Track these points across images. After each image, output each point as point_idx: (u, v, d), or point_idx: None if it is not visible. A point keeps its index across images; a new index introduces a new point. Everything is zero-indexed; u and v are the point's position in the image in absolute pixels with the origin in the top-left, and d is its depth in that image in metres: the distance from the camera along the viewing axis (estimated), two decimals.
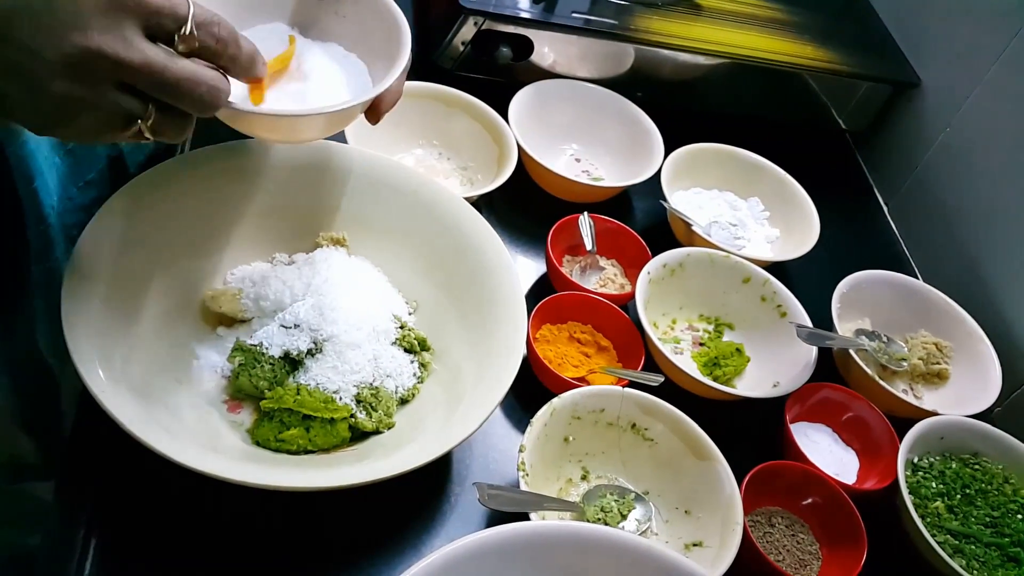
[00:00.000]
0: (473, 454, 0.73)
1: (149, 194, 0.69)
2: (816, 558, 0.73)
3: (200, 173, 0.72)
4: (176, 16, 0.46)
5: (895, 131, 1.22)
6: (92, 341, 0.60)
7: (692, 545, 0.69)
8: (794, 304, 0.89)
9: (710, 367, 0.86)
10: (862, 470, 0.82)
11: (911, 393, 0.92)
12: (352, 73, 0.68)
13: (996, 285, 0.99)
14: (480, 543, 0.50)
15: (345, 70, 0.68)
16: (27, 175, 0.65)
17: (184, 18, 0.47)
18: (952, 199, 1.09)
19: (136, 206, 0.68)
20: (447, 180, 0.96)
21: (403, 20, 0.67)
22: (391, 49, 0.66)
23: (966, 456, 0.82)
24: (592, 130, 1.08)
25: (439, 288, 0.78)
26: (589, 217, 0.91)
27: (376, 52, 0.68)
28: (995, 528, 0.77)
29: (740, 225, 1.03)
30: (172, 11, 0.46)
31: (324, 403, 0.67)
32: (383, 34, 0.67)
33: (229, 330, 0.73)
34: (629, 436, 0.74)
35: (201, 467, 0.55)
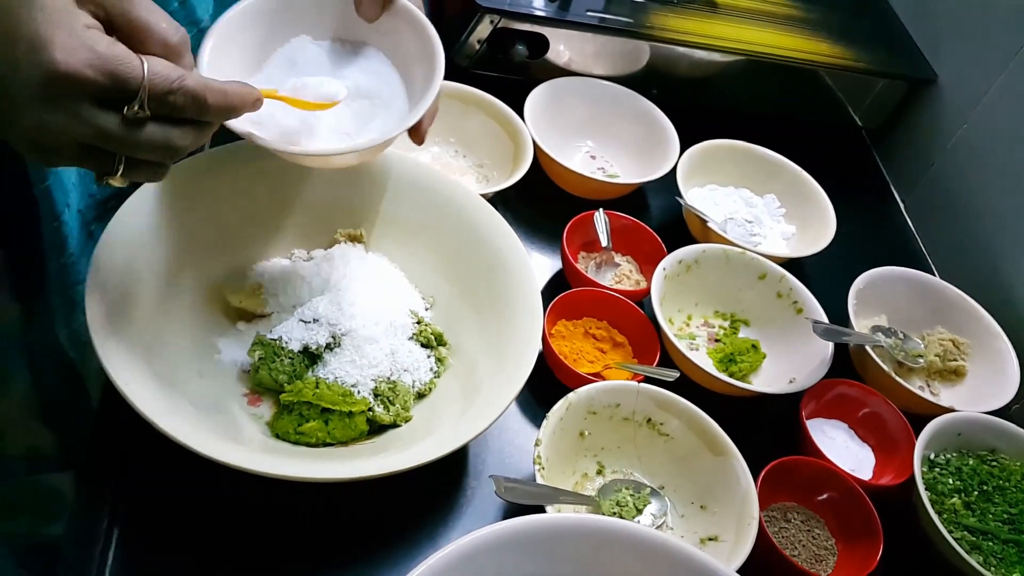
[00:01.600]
0: (489, 448, 0.74)
1: (170, 191, 0.70)
2: (832, 553, 0.73)
3: (220, 171, 0.73)
4: (124, 91, 0.46)
5: (912, 128, 1.22)
6: (115, 335, 0.61)
7: (708, 539, 0.69)
8: (810, 300, 0.88)
9: (726, 363, 0.86)
10: (878, 466, 0.82)
11: (928, 390, 0.91)
12: (389, 94, 0.69)
13: (1014, 281, 0.98)
14: (496, 535, 0.50)
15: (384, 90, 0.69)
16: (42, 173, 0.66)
17: (133, 92, 0.46)
18: (969, 195, 1.09)
19: (157, 203, 0.69)
20: (463, 177, 0.97)
21: (436, 37, 0.68)
22: (426, 65, 0.67)
23: (983, 453, 0.82)
24: (607, 127, 1.08)
25: (455, 284, 0.79)
26: (604, 214, 0.92)
27: (410, 62, 0.70)
28: (1013, 525, 0.76)
29: (756, 222, 1.03)
30: (119, 87, 0.46)
31: (342, 397, 0.67)
32: (417, 49, 0.68)
33: (249, 325, 0.74)
34: (645, 431, 0.75)
35: (222, 458, 0.56)
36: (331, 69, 0.69)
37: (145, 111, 0.47)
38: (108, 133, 0.46)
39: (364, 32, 0.71)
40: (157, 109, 0.47)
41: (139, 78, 0.46)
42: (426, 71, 0.67)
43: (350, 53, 0.70)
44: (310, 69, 0.68)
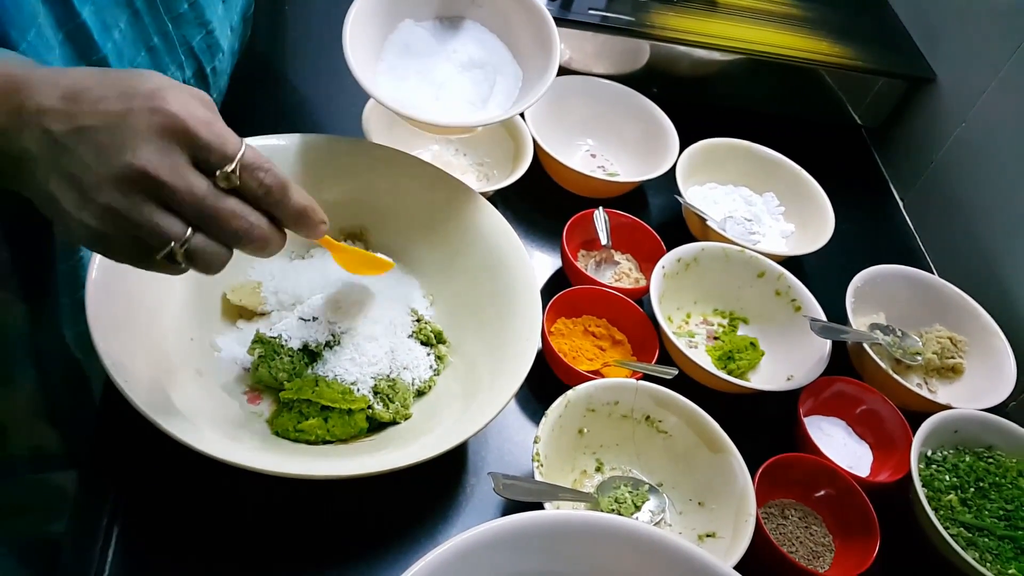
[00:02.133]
0: (488, 445, 0.74)
1: None
2: (829, 550, 0.74)
3: None
4: (224, 155, 0.48)
5: (910, 126, 1.22)
6: (116, 333, 0.61)
7: (705, 536, 0.70)
8: (808, 298, 0.89)
9: (724, 361, 0.86)
10: (875, 463, 0.82)
11: (925, 387, 0.92)
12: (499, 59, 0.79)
13: (1011, 280, 0.98)
14: (495, 532, 0.50)
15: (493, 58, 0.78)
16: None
17: (231, 158, 0.48)
18: (967, 194, 1.09)
19: None
20: (463, 175, 0.97)
21: (543, 6, 0.77)
22: (531, 28, 0.76)
23: (980, 449, 0.82)
24: (608, 126, 1.08)
25: (455, 282, 0.79)
26: (604, 212, 0.92)
27: (512, 28, 0.78)
28: (1009, 521, 0.77)
29: (755, 220, 1.03)
30: (221, 149, 0.48)
31: (342, 394, 0.68)
32: (518, 14, 0.77)
33: (249, 323, 0.75)
34: (643, 428, 0.75)
35: (222, 456, 0.57)
36: (438, 47, 0.76)
37: (236, 178, 0.49)
38: (195, 190, 0.48)
39: (462, 7, 0.78)
40: (247, 181, 0.49)
41: (239, 147, 0.49)
42: (534, 35, 0.76)
43: (450, 28, 0.77)
44: (422, 50, 0.76)
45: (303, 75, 1.07)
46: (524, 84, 0.79)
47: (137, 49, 0.68)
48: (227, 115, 0.64)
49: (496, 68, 0.78)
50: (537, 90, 0.74)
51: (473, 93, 0.77)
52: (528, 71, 0.79)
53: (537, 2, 0.78)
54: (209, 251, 0.50)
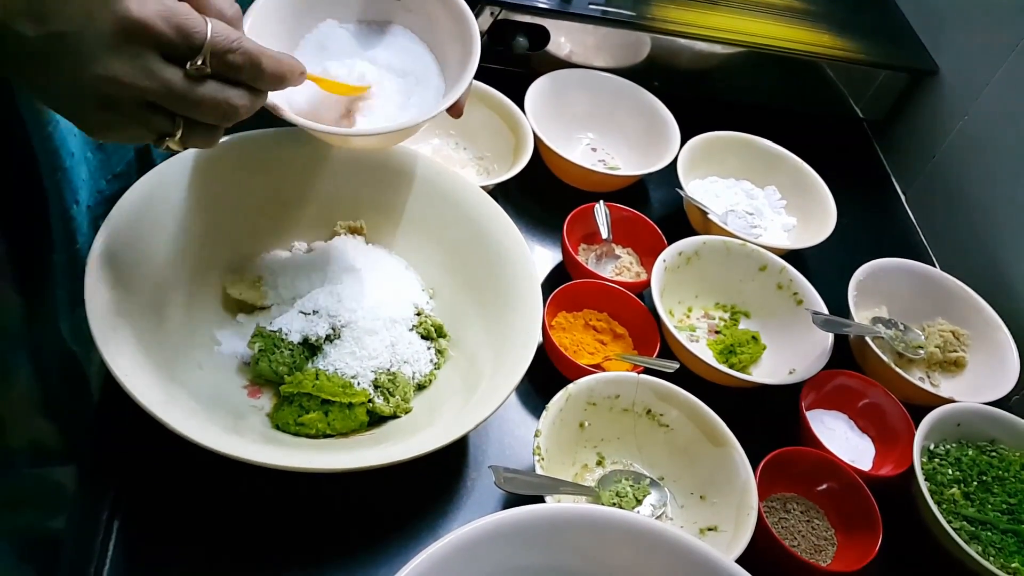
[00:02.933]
0: (489, 439, 0.74)
1: (170, 183, 0.70)
2: (831, 544, 0.73)
3: (220, 163, 0.73)
4: (190, 45, 0.48)
5: (913, 119, 1.21)
6: (115, 327, 0.61)
7: (707, 530, 0.70)
8: (810, 292, 0.88)
9: (726, 355, 0.86)
10: (878, 457, 0.82)
11: (928, 381, 0.91)
12: (423, 70, 0.71)
13: (1014, 273, 0.98)
14: (496, 525, 0.50)
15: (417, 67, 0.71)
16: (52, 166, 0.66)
17: (198, 47, 0.49)
18: (969, 187, 1.09)
19: (158, 195, 0.69)
20: (464, 170, 0.97)
21: (468, 10, 0.69)
22: (458, 39, 0.69)
23: (983, 443, 0.82)
24: (608, 119, 1.08)
25: (456, 276, 0.79)
26: (605, 205, 0.92)
27: (440, 38, 0.71)
28: (1012, 515, 0.76)
29: (757, 213, 1.03)
30: (185, 41, 0.48)
31: (342, 388, 0.68)
32: (447, 23, 0.70)
33: (249, 317, 0.74)
34: (644, 422, 0.75)
35: (223, 449, 0.57)
36: (360, 51, 0.70)
37: (207, 67, 0.49)
38: (171, 87, 0.48)
39: (389, 11, 0.72)
40: (217, 66, 0.50)
41: (204, 34, 0.49)
42: (460, 45, 0.68)
43: (377, 33, 0.71)
44: (339, 52, 0.69)
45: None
46: (444, 95, 0.70)
47: None
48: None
49: (418, 79, 0.70)
50: (448, 99, 0.67)
51: (387, 105, 0.68)
52: (449, 80, 0.71)
53: (463, 7, 0.70)
54: (202, 133, 0.52)
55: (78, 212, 0.70)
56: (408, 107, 0.68)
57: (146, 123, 0.50)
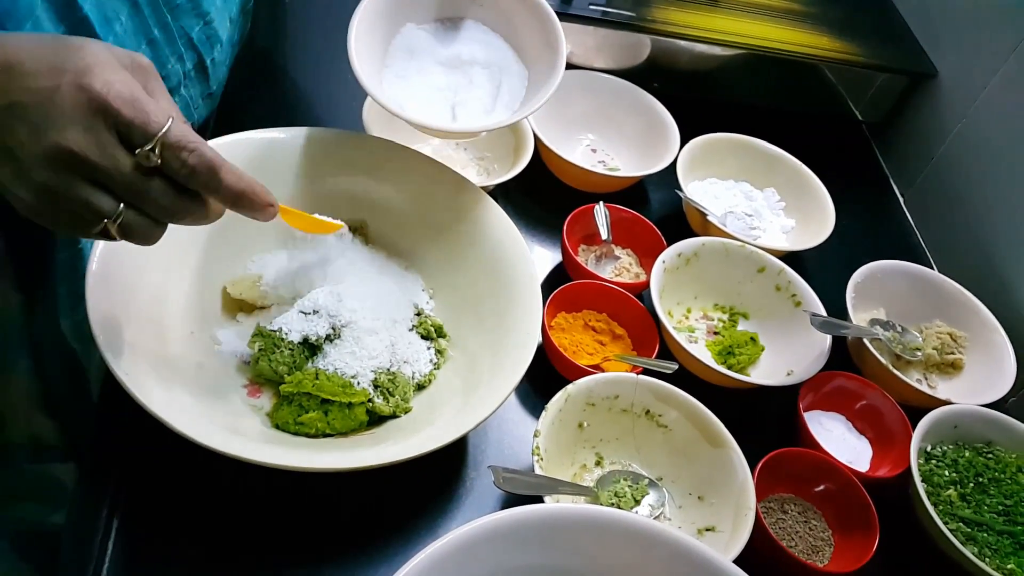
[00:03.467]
0: (488, 439, 0.74)
1: None
2: (828, 544, 0.74)
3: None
4: (145, 133, 0.49)
5: (911, 122, 1.22)
6: (116, 326, 0.61)
7: (705, 530, 0.70)
8: (809, 293, 0.89)
9: (724, 356, 0.86)
10: (875, 458, 0.82)
11: (925, 383, 0.92)
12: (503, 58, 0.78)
13: (1011, 275, 0.98)
14: (495, 525, 0.50)
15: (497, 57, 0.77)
16: None
17: (151, 136, 0.49)
18: (968, 190, 1.09)
19: None
20: (464, 170, 0.96)
21: (548, 7, 0.75)
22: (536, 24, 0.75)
23: (979, 445, 0.82)
24: (608, 120, 1.08)
25: (456, 276, 0.79)
26: (605, 207, 0.92)
27: (515, 25, 0.76)
28: (1008, 516, 0.77)
29: (756, 215, 1.03)
30: (142, 127, 0.48)
31: (342, 387, 0.68)
32: (520, 10, 0.76)
33: (249, 316, 0.75)
34: (643, 423, 0.75)
35: (222, 448, 0.57)
36: (441, 48, 0.76)
37: (156, 157, 0.49)
38: (119, 168, 0.48)
39: (462, 7, 0.77)
40: (169, 160, 0.49)
41: (161, 124, 0.49)
42: (539, 32, 0.75)
43: (452, 30, 0.76)
44: (426, 53, 0.75)
45: (304, 69, 1.07)
46: (530, 84, 0.78)
47: (138, 42, 0.68)
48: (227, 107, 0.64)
49: (501, 68, 0.77)
50: (545, 90, 0.73)
51: (482, 94, 0.76)
52: (534, 70, 0.78)
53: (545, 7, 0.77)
54: (142, 225, 0.51)
55: None
56: (500, 95, 0.74)
57: (88, 202, 0.49)
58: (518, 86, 0.76)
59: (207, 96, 0.82)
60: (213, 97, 0.83)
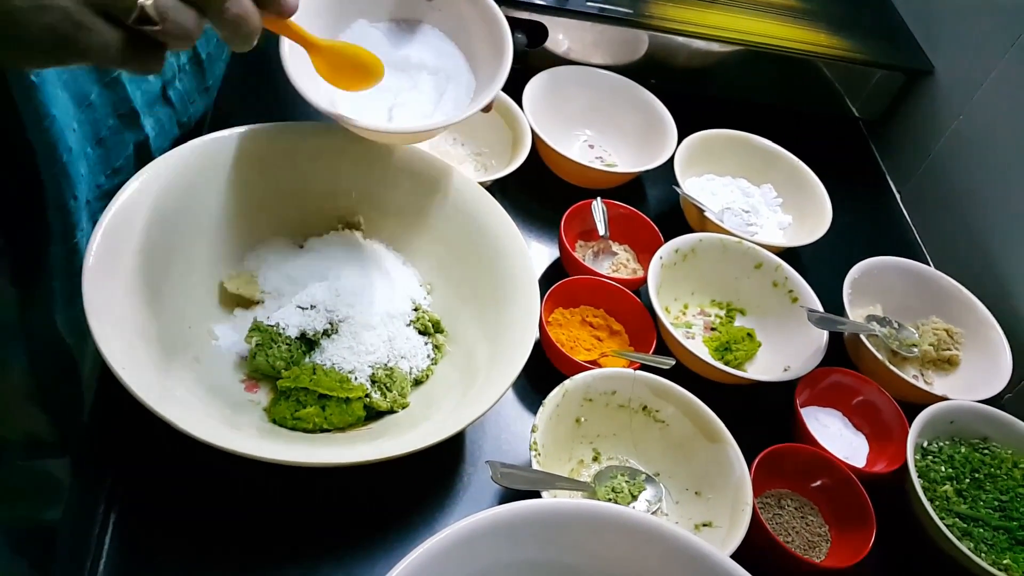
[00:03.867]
0: (486, 435, 0.74)
1: (167, 178, 0.70)
2: (825, 540, 0.74)
3: (218, 158, 0.73)
4: None
5: (908, 119, 1.22)
6: (112, 320, 0.61)
7: (702, 525, 0.70)
8: (806, 290, 0.89)
9: (721, 352, 0.86)
10: (872, 454, 0.82)
11: (921, 379, 0.92)
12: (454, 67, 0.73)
13: (1008, 272, 0.99)
14: (493, 520, 0.50)
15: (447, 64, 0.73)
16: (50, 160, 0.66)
17: None
18: (964, 187, 1.09)
19: (155, 190, 0.69)
20: (461, 165, 0.97)
21: (495, 6, 0.72)
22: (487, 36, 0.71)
23: (975, 441, 0.82)
24: (606, 116, 1.08)
25: (454, 271, 0.79)
26: (602, 202, 0.92)
27: (469, 35, 0.73)
28: (1004, 512, 0.77)
29: (753, 211, 1.03)
30: None
31: (340, 383, 0.68)
32: (475, 20, 0.72)
33: (247, 311, 0.74)
34: (640, 418, 0.75)
35: (219, 443, 0.57)
36: (392, 50, 0.72)
37: None
38: None
39: (419, 10, 0.74)
40: None
41: None
42: (490, 42, 0.71)
43: (407, 32, 0.72)
44: (373, 50, 0.69)
45: None
46: (476, 93, 0.73)
47: None
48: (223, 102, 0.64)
49: (449, 76, 0.73)
50: (479, 101, 0.69)
51: (424, 99, 0.71)
52: (480, 79, 0.74)
53: (492, 5, 0.73)
54: (180, 11, 0.47)
55: (76, 207, 0.70)
56: (443, 103, 0.70)
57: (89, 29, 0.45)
58: (463, 95, 0.72)
59: (203, 90, 0.82)
60: (209, 91, 0.83)
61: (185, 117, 0.82)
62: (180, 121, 0.82)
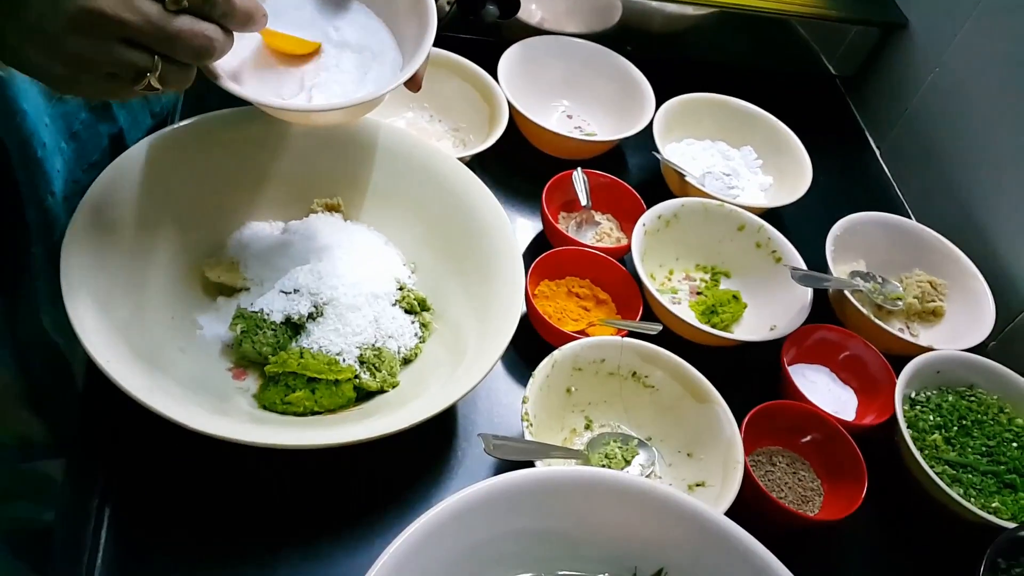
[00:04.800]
0: (478, 409, 0.75)
1: (141, 167, 0.69)
2: (818, 494, 0.75)
3: (192, 145, 0.73)
4: None
5: (884, 74, 1.22)
6: (96, 315, 0.61)
7: (695, 485, 0.71)
8: (789, 249, 0.89)
9: (708, 315, 0.87)
10: (860, 407, 0.83)
11: (907, 331, 0.93)
12: (379, 46, 0.69)
13: (988, 221, 0.99)
14: (488, 491, 0.51)
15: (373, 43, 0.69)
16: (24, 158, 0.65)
17: None
18: (942, 139, 1.09)
19: (128, 181, 0.68)
20: (439, 142, 0.96)
21: None
22: (414, 15, 0.68)
23: (962, 389, 0.83)
24: (583, 85, 1.08)
25: (437, 249, 0.79)
26: (583, 172, 0.92)
27: (398, 14, 0.69)
28: (991, 457, 0.78)
29: (733, 174, 1.03)
30: None
31: (328, 365, 0.68)
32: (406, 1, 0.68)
33: (229, 299, 0.74)
34: (630, 384, 0.76)
35: (210, 430, 0.57)
36: (317, 23, 0.68)
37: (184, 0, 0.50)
38: (151, 18, 0.49)
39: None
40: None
41: None
42: (416, 19, 0.67)
43: (333, 7, 0.69)
44: (297, 22, 0.67)
45: None
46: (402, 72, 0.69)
47: None
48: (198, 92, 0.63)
49: (375, 55, 0.70)
50: (404, 74, 0.66)
51: (345, 79, 0.67)
52: (406, 55, 0.70)
53: None
54: (176, 72, 0.53)
55: (54, 203, 0.69)
56: (366, 82, 0.67)
57: (123, 62, 0.50)
58: (388, 74, 0.68)
59: None
60: None
61: (157, 107, 0.81)
62: (152, 111, 0.81)
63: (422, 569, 0.47)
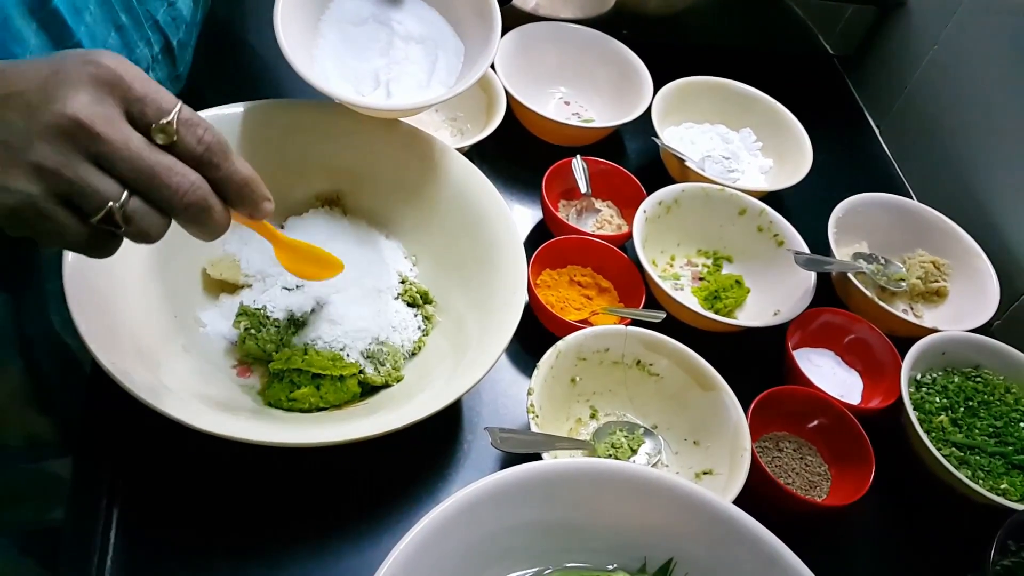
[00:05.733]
0: (483, 401, 0.74)
1: None
2: (825, 479, 0.75)
3: None
4: (159, 107, 0.46)
5: (883, 52, 1.21)
6: (99, 315, 0.60)
7: (703, 473, 0.71)
8: (791, 232, 0.89)
9: (711, 300, 0.86)
10: (866, 390, 0.83)
11: (911, 312, 0.92)
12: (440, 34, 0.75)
13: (990, 199, 0.99)
14: (495, 485, 0.51)
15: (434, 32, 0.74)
16: None
17: (167, 111, 0.46)
18: (942, 116, 1.09)
19: None
20: (437, 132, 0.95)
21: None
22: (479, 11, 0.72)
23: (968, 369, 0.83)
24: (580, 71, 1.07)
25: (438, 241, 0.78)
26: (582, 160, 0.91)
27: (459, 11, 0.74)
28: (998, 438, 0.78)
29: (733, 158, 1.03)
30: (156, 101, 0.46)
31: (332, 361, 0.67)
32: None
33: (232, 297, 0.74)
34: (635, 373, 0.75)
35: (217, 430, 0.56)
36: (376, 23, 0.72)
37: (173, 131, 0.46)
38: (129, 144, 0.45)
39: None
40: (184, 136, 0.46)
41: (175, 102, 0.46)
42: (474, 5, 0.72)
43: (389, 4, 0.73)
44: (360, 26, 0.72)
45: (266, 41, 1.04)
46: (467, 58, 0.75)
47: (108, 29, 0.67)
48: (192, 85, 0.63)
49: (437, 43, 0.74)
50: (481, 63, 0.71)
51: (416, 70, 0.73)
52: (469, 44, 0.75)
53: None
54: (146, 216, 0.46)
55: None
56: (435, 71, 0.71)
57: (90, 184, 0.44)
58: (454, 61, 0.73)
59: (174, 78, 0.80)
60: (180, 79, 0.82)
61: None
62: None
63: (432, 564, 0.47)
